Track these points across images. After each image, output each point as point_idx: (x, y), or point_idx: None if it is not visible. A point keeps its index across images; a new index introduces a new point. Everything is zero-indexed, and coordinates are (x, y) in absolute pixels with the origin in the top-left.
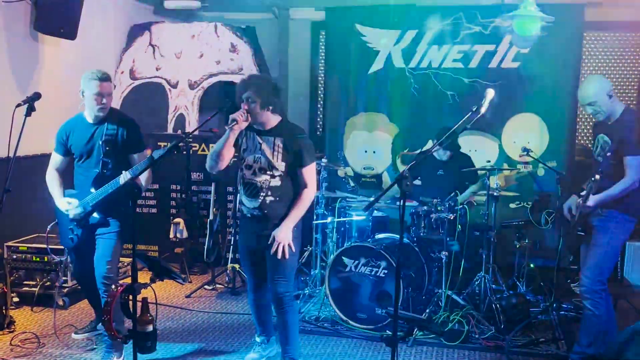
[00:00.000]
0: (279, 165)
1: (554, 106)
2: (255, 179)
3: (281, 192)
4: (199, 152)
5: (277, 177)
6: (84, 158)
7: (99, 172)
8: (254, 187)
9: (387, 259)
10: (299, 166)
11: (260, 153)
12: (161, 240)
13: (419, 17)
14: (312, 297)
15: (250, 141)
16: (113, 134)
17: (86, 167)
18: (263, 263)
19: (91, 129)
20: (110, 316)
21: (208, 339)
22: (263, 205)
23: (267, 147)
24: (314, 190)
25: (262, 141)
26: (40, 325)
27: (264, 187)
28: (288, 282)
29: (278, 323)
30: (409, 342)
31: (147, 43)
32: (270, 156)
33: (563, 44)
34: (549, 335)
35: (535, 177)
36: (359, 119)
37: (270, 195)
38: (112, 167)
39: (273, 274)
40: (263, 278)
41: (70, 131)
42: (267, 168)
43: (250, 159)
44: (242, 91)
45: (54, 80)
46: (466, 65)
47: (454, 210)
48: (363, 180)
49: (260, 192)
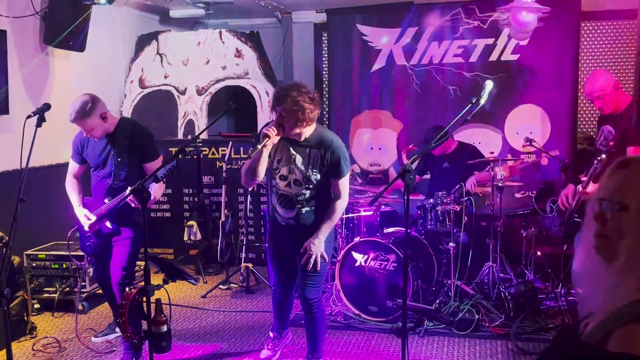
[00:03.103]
0: (314, 177)
1: (555, 96)
2: (290, 190)
3: (316, 202)
4: (209, 156)
5: (312, 190)
6: (99, 168)
7: (111, 184)
8: (289, 198)
9: (395, 253)
10: (334, 177)
11: (294, 165)
12: (176, 243)
13: (419, 15)
14: (324, 292)
15: (285, 152)
16: (124, 145)
17: (101, 177)
18: (294, 266)
19: (104, 140)
20: (125, 318)
21: (224, 337)
22: (299, 215)
23: (302, 157)
24: (346, 201)
25: (296, 152)
26: (61, 330)
27: (300, 199)
28: (318, 288)
29: (306, 324)
30: (420, 333)
31: (155, 52)
32: (305, 169)
33: (560, 35)
34: (558, 321)
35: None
36: (364, 117)
37: (306, 206)
38: (124, 178)
39: (303, 279)
40: (292, 278)
41: (85, 142)
42: (302, 181)
43: (285, 170)
44: (278, 103)
45: (65, 92)
46: (467, 59)
47: (460, 202)
48: (370, 176)
49: (295, 204)
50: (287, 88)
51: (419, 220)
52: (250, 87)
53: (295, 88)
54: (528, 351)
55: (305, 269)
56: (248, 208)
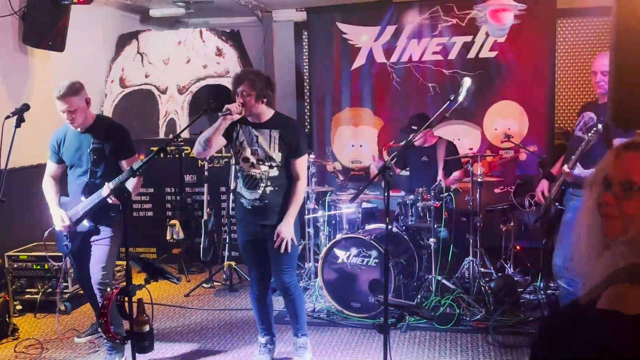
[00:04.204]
0: (276, 155)
1: (532, 92)
2: (254, 170)
3: (280, 182)
4: (191, 155)
5: (275, 168)
6: (74, 166)
7: (87, 181)
8: (254, 178)
9: (377, 249)
10: (293, 157)
11: (257, 145)
12: (159, 242)
13: (398, 13)
14: (307, 289)
15: (247, 134)
16: (100, 142)
17: (77, 175)
18: (266, 254)
19: (79, 137)
20: (107, 319)
21: (207, 335)
22: (264, 195)
23: (264, 138)
24: (305, 182)
25: (258, 133)
26: (43, 331)
27: (264, 178)
28: (292, 270)
29: (287, 307)
30: (403, 328)
31: (135, 51)
32: (268, 147)
33: (537, 32)
34: (538, 314)
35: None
36: (345, 115)
37: (270, 185)
38: (101, 175)
39: (278, 264)
40: (266, 271)
41: (61, 140)
42: (264, 159)
43: (248, 152)
44: (237, 85)
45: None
46: (445, 57)
47: (440, 197)
48: (352, 173)
49: (260, 183)
50: (246, 71)
51: (399, 216)
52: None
53: (252, 71)
54: (508, 344)
55: (278, 255)
56: (230, 206)
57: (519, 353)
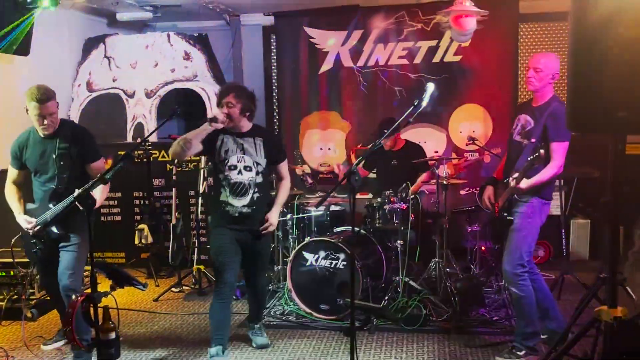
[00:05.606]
0: (262, 161)
1: (496, 96)
2: (242, 177)
3: (264, 189)
4: (159, 158)
5: (260, 174)
6: (40, 173)
7: (55, 188)
8: (242, 185)
9: (345, 251)
10: (276, 161)
11: (244, 152)
12: (127, 247)
13: (364, 17)
14: (276, 292)
15: (231, 143)
16: (66, 147)
17: (43, 181)
18: (245, 259)
19: (44, 144)
20: (72, 326)
21: (176, 340)
22: (252, 201)
23: (249, 145)
24: (289, 181)
25: (243, 141)
26: (9, 339)
27: (252, 184)
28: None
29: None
30: (370, 330)
31: (102, 55)
32: (254, 153)
33: (500, 37)
34: (502, 314)
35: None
36: (313, 118)
37: (257, 192)
38: (68, 181)
39: (260, 266)
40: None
41: (23, 146)
42: (252, 166)
43: (234, 159)
44: (224, 96)
45: (9, 97)
46: (411, 61)
47: (406, 200)
48: (320, 176)
49: (249, 189)
50: (232, 84)
51: (367, 218)
52: (199, 90)
53: (238, 85)
54: (473, 344)
55: (258, 259)
56: (199, 210)
57: (484, 353)
